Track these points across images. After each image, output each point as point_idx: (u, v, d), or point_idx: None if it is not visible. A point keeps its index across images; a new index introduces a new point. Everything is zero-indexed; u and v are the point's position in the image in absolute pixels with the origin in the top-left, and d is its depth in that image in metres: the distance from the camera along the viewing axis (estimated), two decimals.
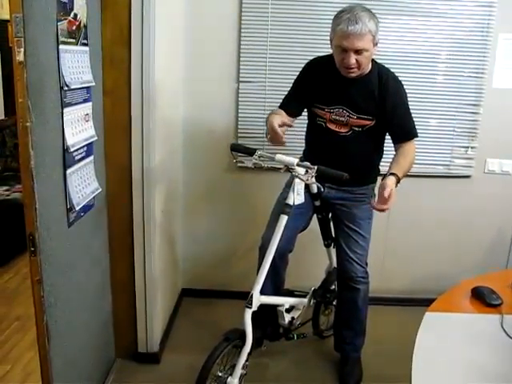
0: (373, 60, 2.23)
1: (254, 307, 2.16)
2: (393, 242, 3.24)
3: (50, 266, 1.76)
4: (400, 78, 2.83)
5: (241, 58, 2.96)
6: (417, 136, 2.27)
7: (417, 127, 2.98)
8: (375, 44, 2.11)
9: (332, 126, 2.29)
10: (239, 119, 3.04)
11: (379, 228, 2.76)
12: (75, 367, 2.07)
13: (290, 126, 2.17)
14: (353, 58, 2.08)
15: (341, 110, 2.25)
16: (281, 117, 2.18)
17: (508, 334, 1.56)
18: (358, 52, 2.07)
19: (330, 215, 2.54)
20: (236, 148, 2.30)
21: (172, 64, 2.75)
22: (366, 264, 2.47)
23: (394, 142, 2.27)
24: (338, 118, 2.27)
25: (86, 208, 2.06)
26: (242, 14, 2.90)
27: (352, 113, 2.23)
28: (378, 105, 2.21)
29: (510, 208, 3.19)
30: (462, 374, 1.39)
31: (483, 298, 1.77)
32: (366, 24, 2.02)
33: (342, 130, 2.28)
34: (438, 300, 1.79)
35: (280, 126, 2.08)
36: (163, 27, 2.39)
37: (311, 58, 2.41)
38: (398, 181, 2.05)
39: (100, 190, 2.16)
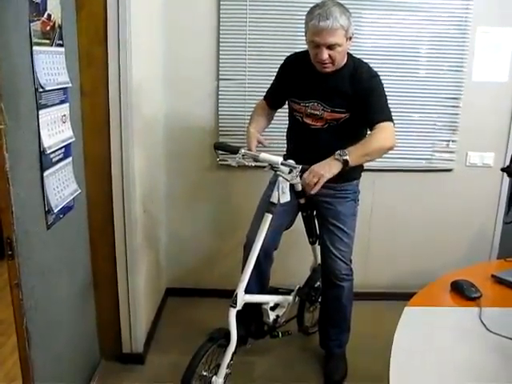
0: (349, 54, 2.24)
1: (239, 306, 2.16)
2: (376, 236, 3.25)
3: (28, 268, 1.75)
4: (379, 74, 2.83)
5: (220, 56, 2.95)
6: (389, 120, 2.15)
7: (398, 122, 3.01)
8: (349, 38, 2.13)
9: (308, 120, 2.31)
10: (220, 117, 3.03)
11: (362, 223, 2.77)
12: (58, 369, 2.06)
13: (264, 146, 2.30)
14: (326, 53, 2.10)
15: (315, 104, 2.27)
16: (257, 135, 2.28)
17: (486, 327, 1.57)
18: (330, 47, 2.09)
19: (315, 213, 2.54)
20: (219, 146, 2.30)
21: (151, 63, 2.74)
22: (351, 261, 2.47)
23: (369, 129, 2.21)
24: (313, 112, 2.28)
25: (66, 210, 2.05)
26: (220, 10, 2.89)
27: (326, 107, 2.24)
28: (351, 97, 2.20)
29: (492, 200, 3.22)
30: (440, 368, 1.40)
31: (462, 292, 1.77)
32: (337, 19, 2.03)
33: (318, 124, 2.29)
34: (418, 294, 1.79)
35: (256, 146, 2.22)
36: (140, 26, 2.38)
37: (290, 53, 2.42)
38: (346, 163, 1.98)
39: (79, 191, 2.15)
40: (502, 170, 1.87)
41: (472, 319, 1.62)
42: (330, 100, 2.23)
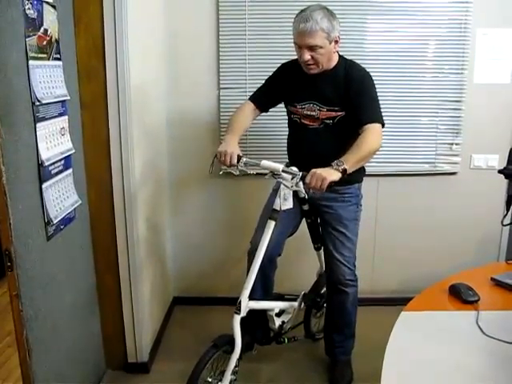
0: (340, 55, 2.30)
1: (243, 313, 2.17)
2: (381, 242, 3.24)
3: (28, 280, 1.77)
4: (380, 78, 2.86)
5: (220, 65, 2.98)
6: (379, 122, 2.21)
7: (400, 126, 3.02)
8: (332, 41, 2.18)
9: (306, 121, 2.36)
10: (221, 126, 3.04)
11: (367, 228, 2.77)
12: (61, 380, 2.07)
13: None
14: (307, 55, 2.17)
15: (311, 105, 2.32)
16: (239, 150, 2.22)
17: (483, 331, 1.55)
18: (311, 49, 2.16)
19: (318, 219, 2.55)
20: None
21: (150, 73, 2.77)
22: (354, 266, 2.46)
23: (357, 129, 2.21)
24: (309, 112, 2.34)
25: (67, 221, 2.07)
26: (219, 20, 2.92)
27: (321, 106, 2.29)
28: (343, 95, 2.25)
29: (499, 203, 3.17)
30: (434, 373, 1.39)
31: (459, 295, 1.76)
32: (317, 22, 2.10)
33: (315, 124, 2.34)
34: (415, 299, 1.78)
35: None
36: (138, 38, 2.41)
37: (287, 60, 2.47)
38: (345, 171, 2.02)
39: (80, 202, 2.17)
40: (499, 171, 1.85)
41: (468, 323, 1.61)
42: (324, 100, 2.29)
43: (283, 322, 2.53)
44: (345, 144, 2.14)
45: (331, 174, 1.98)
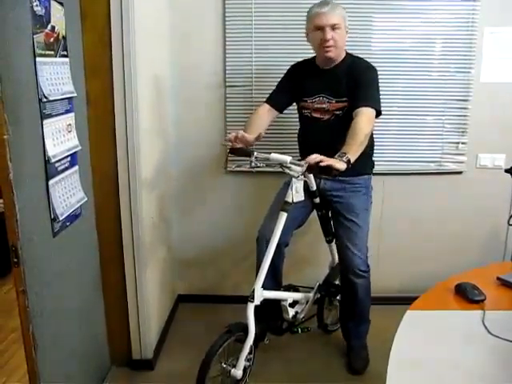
0: (348, 52, 2.45)
1: (257, 301, 2.23)
2: (387, 240, 3.24)
3: (34, 276, 1.78)
4: (387, 76, 2.89)
5: (226, 63, 2.98)
6: (375, 108, 2.29)
7: (407, 125, 3.04)
8: (346, 29, 2.36)
9: (317, 114, 2.47)
10: (227, 124, 3.05)
11: (373, 227, 2.75)
12: (66, 376, 2.08)
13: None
14: (330, 33, 2.30)
15: (321, 98, 2.45)
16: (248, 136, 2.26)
17: (488, 330, 1.55)
18: (333, 28, 2.30)
19: (329, 211, 2.61)
20: (234, 151, 2.34)
21: (157, 69, 2.77)
22: (367, 257, 2.50)
23: (352, 111, 2.30)
24: (319, 106, 2.46)
25: (72, 217, 2.07)
26: (225, 19, 2.92)
27: (331, 98, 2.42)
28: (349, 85, 2.37)
29: (504, 202, 3.18)
30: (439, 372, 1.38)
31: (465, 295, 1.75)
32: (334, 6, 2.31)
33: (326, 117, 2.44)
34: (420, 298, 1.77)
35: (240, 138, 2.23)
36: (145, 35, 2.41)
37: (297, 60, 2.55)
38: (349, 161, 2.06)
39: (86, 199, 2.18)
40: (506, 171, 1.85)
41: (474, 322, 1.60)
42: (332, 92, 2.42)
43: (296, 313, 2.60)
44: None
45: (338, 163, 2.03)
